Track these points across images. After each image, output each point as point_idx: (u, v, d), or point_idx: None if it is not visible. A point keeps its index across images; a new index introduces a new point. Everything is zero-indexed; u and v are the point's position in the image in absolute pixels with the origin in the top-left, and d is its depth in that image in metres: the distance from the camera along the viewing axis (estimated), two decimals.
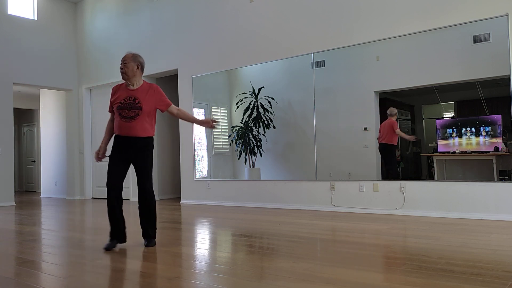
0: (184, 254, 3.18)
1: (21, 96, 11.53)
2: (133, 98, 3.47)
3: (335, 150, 5.74)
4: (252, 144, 6.64)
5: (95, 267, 2.83)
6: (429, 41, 5.02)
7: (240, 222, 4.79)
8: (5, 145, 7.94)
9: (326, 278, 2.43)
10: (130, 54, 3.54)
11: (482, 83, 4.68)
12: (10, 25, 8.19)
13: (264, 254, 3.11)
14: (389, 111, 5.28)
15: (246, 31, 6.66)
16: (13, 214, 6.31)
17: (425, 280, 2.32)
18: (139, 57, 3.57)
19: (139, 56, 3.58)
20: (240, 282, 2.40)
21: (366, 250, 3.14)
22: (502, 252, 2.98)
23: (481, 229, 3.94)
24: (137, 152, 3.52)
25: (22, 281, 2.54)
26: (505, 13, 4.54)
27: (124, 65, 3.50)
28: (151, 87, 3.54)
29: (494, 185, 4.57)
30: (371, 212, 5.33)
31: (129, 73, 3.49)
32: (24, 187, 13.02)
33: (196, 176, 7.26)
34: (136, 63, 3.52)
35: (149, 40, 7.92)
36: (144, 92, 3.50)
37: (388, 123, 5.32)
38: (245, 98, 6.73)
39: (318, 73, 5.90)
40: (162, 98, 3.56)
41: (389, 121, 5.31)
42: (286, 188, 6.14)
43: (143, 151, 3.51)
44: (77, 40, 9.27)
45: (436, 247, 3.19)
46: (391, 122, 5.28)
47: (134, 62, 3.51)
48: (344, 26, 5.66)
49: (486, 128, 4.67)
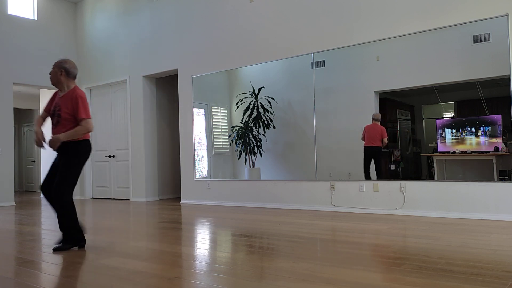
0: (184, 254, 3.18)
1: (21, 96, 11.53)
2: (58, 106, 3.51)
3: (335, 150, 5.74)
4: (252, 144, 6.64)
5: (95, 267, 2.83)
6: (429, 41, 5.02)
7: (240, 222, 4.79)
8: (5, 145, 7.94)
9: (326, 278, 2.43)
10: (57, 61, 3.59)
11: (482, 83, 4.68)
12: (10, 25, 8.19)
13: (264, 254, 3.11)
14: (376, 116, 5.38)
15: (246, 31, 6.66)
16: (13, 214, 6.31)
17: (425, 280, 2.32)
18: (65, 63, 3.56)
19: (66, 62, 3.57)
20: (240, 282, 2.40)
21: (366, 250, 3.14)
22: (502, 252, 2.99)
23: (481, 229, 3.94)
24: (61, 156, 3.51)
25: (22, 281, 2.54)
26: (505, 13, 4.54)
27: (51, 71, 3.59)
28: (72, 94, 3.49)
29: (494, 185, 4.57)
30: (371, 212, 5.33)
31: (52, 78, 3.56)
32: (24, 187, 13.03)
33: (196, 176, 7.26)
34: (60, 69, 3.53)
35: (149, 40, 7.92)
36: (65, 99, 3.50)
37: (379, 128, 5.39)
38: (245, 98, 6.73)
39: (318, 73, 5.90)
40: (77, 109, 3.45)
41: (380, 127, 5.38)
42: (286, 188, 6.14)
43: (65, 156, 3.46)
44: (77, 40, 9.28)
45: (436, 247, 3.19)
46: (382, 129, 5.36)
47: (57, 68, 3.54)
48: (344, 26, 5.67)
49: (486, 128, 4.67)
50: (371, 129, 5.44)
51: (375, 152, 5.43)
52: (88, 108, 3.50)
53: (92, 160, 9.13)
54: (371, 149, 5.45)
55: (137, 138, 8.10)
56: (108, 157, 8.78)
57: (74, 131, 3.40)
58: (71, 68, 3.55)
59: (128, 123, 8.26)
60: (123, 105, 8.52)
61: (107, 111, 8.84)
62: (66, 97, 3.49)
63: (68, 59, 3.59)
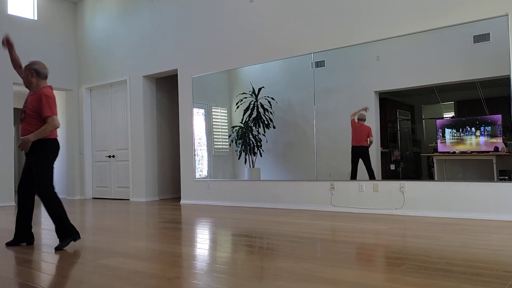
0: (184, 254, 3.18)
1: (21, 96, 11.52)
2: (25, 103, 3.65)
3: (335, 150, 5.74)
4: (252, 144, 6.64)
5: (95, 267, 2.83)
6: (429, 41, 5.02)
7: (240, 222, 4.79)
8: (5, 145, 7.94)
9: (326, 278, 2.43)
10: (27, 64, 3.73)
11: (482, 83, 4.68)
12: (10, 25, 8.19)
13: (264, 254, 3.11)
14: (362, 116, 5.48)
15: (246, 31, 6.66)
16: (13, 214, 6.30)
17: (424, 280, 2.32)
18: (34, 64, 3.69)
19: (35, 63, 3.70)
20: (240, 282, 2.40)
21: (366, 250, 3.14)
22: (502, 252, 2.99)
23: (481, 229, 3.94)
24: (30, 158, 3.59)
25: (22, 281, 2.54)
26: (505, 13, 4.54)
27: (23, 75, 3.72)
28: (39, 92, 3.60)
29: (494, 185, 4.57)
30: (371, 212, 5.33)
31: (25, 81, 3.70)
32: None
33: (196, 176, 7.26)
34: (31, 71, 3.67)
35: (149, 40, 7.92)
36: (32, 97, 3.61)
37: (366, 128, 5.48)
38: (245, 98, 6.73)
39: (318, 73, 5.90)
40: (42, 107, 3.53)
41: (366, 127, 5.48)
42: (286, 188, 6.14)
43: (34, 155, 3.55)
44: (77, 40, 9.28)
45: (436, 247, 3.19)
46: (369, 129, 5.46)
47: (28, 70, 3.68)
48: (344, 26, 5.67)
49: (486, 128, 4.67)
50: (358, 129, 5.53)
51: (363, 152, 5.51)
52: (54, 105, 3.59)
53: (92, 160, 9.14)
54: (359, 149, 5.54)
55: (137, 138, 8.10)
56: (108, 157, 8.78)
57: (42, 130, 3.49)
58: (40, 68, 3.70)
59: (128, 123, 8.26)
60: (123, 105, 8.52)
61: (107, 111, 8.84)
62: (34, 95, 3.62)
63: (38, 61, 3.77)
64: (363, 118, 5.46)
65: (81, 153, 9.15)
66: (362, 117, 5.47)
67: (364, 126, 5.49)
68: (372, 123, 5.43)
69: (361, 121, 5.49)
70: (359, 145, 5.52)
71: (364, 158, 5.49)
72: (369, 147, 5.44)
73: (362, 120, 5.48)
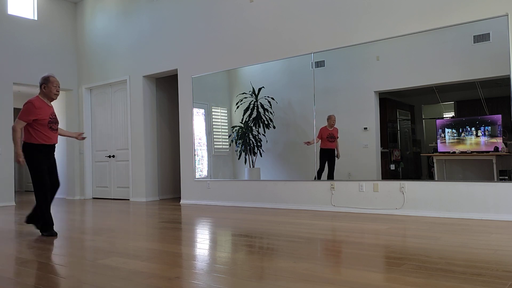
0: (184, 254, 3.18)
1: (21, 96, 11.52)
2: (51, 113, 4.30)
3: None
4: (252, 144, 6.64)
5: (95, 267, 2.83)
6: (429, 41, 5.02)
7: (240, 222, 4.79)
8: (5, 145, 7.94)
9: (326, 278, 2.43)
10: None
11: (482, 83, 4.68)
12: (10, 25, 8.19)
13: (264, 254, 3.11)
14: (333, 121, 5.72)
15: (246, 31, 6.66)
16: (13, 214, 6.31)
17: (424, 280, 2.32)
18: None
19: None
20: (240, 282, 2.40)
21: (366, 250, 3.14)
22: (502, 252, 2.99)
23: (481, 229, 3.94)
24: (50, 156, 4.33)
25: (22, 281, 2.54)
26: (505, 13, 4.54)
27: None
28: None
29: (494, 185, 4.57)
30: (371, 212, 5.33)
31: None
32: (24, 187, 13.02)
33: (196, 176, 7.26)
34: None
35: (149, 40, 7.92)
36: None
37: (335, 131, 5.69)
38: (245, 98, 6.73)
39: (318, 73, 5.90)
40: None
41: (335, 129, 5.69)
42: (286, 188, 6.14)
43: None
44: (77, 40, 9.28)
45: (436, 247, 3.19)
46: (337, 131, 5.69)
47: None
48: (344, 26, 5.67)
49: (486, 128, 4.67)
50: (328, 131, 5.74)
51: (331, 154, 5.70)
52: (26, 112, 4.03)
53: (92, 160, 9.14)
54: (329, 152, 5.72)
55: (137, 138, 8.10)
56: (108, 157, 8.78)
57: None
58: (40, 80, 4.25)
59: (128, 123, 8.26)
60: (123, 105, 8.52)
61: (107, 111, 8.84)
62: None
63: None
64: (333, 120, 5.72)
65: (81, 153, 9.15)
66: (334, 120, 5.71)
67: (334, 129, 5.72)
68: (372, 123, 5.44)
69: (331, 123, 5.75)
70: (329, 148, 5.77)
71: (331, 161, 5.75)
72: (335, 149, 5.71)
73: (333, 122, 5.74)
